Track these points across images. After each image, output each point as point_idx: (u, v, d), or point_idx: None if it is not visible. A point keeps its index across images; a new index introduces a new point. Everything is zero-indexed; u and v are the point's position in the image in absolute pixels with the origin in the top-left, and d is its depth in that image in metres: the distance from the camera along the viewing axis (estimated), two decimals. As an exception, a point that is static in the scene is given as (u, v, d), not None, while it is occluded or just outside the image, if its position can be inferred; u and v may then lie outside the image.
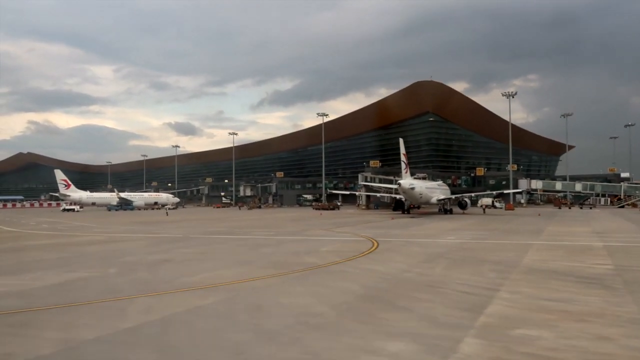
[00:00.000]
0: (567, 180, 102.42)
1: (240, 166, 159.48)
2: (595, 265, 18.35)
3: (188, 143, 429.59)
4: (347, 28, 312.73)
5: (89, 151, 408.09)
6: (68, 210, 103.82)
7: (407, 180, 61.66)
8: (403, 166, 63.99)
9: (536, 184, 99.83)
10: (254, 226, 44.75)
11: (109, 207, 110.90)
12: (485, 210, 70.59)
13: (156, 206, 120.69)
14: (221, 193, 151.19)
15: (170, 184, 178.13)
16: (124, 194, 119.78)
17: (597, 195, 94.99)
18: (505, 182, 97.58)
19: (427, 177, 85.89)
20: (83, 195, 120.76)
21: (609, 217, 56.02)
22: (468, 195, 71.80)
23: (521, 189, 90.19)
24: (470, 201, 68.88)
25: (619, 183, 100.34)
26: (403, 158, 63.73)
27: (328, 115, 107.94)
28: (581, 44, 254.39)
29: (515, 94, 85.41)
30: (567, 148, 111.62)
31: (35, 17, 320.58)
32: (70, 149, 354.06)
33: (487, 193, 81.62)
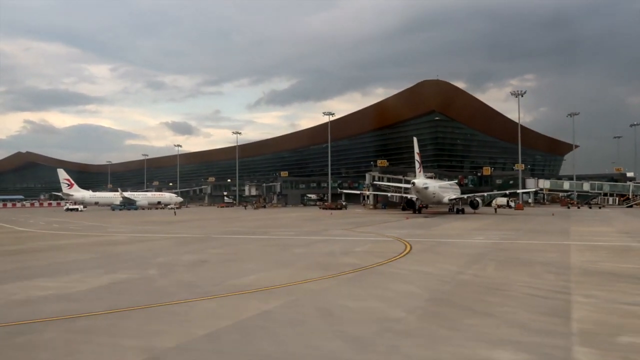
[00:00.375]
0: (574, 180, 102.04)
1: (241, 165, 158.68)
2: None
3: (185, 142, 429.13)
4: (345, 27, 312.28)
5: (86, 151, 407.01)
6: (71, 209, 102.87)
7: (421, 179, 61.15)
8: (417, 165, 63.42)
9: (544, 184, 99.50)
10: (271, 226, 44.14)
11: (113, 207, 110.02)
12: (497, 210, 70.17)
13: (159, 206, 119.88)
14: (224, 193, 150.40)
15: (171, 184, 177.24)
16: (127, 194, 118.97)
17: (605, 194, 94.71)
18: (512, 182, 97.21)
19: (435, 177, 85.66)
20: (86, 194, 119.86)
21: (625, 217, 55.62)
22: (480, 194, 71.34)
23: (529, 189, 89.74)
24: (481, 201, 68.38)
25: (626, 183, 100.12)
26: (417, 157, 63.20)
27: (334, 114, 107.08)
28: (578, 44, 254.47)
29: (524, 93, 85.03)
30: (574, 147, 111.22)
31: (31, 16, 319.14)
32: (66, 149, 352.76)
33: (501, 193, 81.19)
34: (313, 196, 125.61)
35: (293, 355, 8.35)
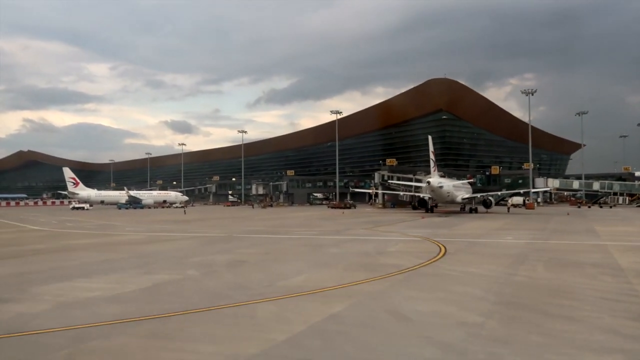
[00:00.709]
0: (583, 179, 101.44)
1: (244, 164, 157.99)
2: None
3: (184, 141, 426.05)
4: (345, 26, 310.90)
5: (85, 149, 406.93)
6: (78, 208, 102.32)
7: (436, 178, 60.65)
8: (432, 164, 62.89)
9: (553, 183, 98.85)
10: (289, 225, 43.61)
11: (119, 206, 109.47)
12: (509, 209, 69.68)
13: (165, 205, 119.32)
14: (229, 192, 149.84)
15: (175, 182, 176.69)
16: (133, 192, 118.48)
17: (615, 194, 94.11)
18: (521, 181, 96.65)
19: (444, 176, 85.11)
20: (91, 193, 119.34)
21: (641, 217, 55.12)
22: (494, 194, 70.86)
23: (540, 188, 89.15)
24: (494, 200, 67.87)
25: (634, 182, 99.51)
26: (432, 156, 62.65)
27: (342, 112, 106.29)
28: (578, 43, 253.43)
29: (535, 92, 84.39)
30: (582, 146, 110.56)
31: (30, 14, 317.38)
32: (66, 147, 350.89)
33: (514, 192, 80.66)
34: (319, 195, 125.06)
35: (393, 364, 7.86)
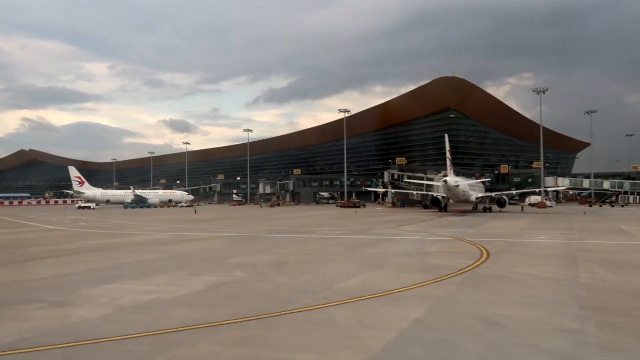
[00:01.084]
0: (592, 177, 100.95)
1: (246, 164, 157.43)
2: None
3: (183, 141, 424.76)
4: (344, 26, 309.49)
5: (84, 149, 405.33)
6: (84, 208, 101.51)
7: (453, 177, 60.13)
8: (448, 163, 62.34)
9: (563, 182, 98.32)
10: (308, 224, 42.97)
11: (126, 205, 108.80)
12: (523, 208, 69.17)
13: (171, 204, 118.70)
14: (233, 191, 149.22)
15: (179, 182, 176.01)
16: (139, 192, 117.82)
17: (625, 193, 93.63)
18: (531, 180, 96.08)
19: (459, 175, 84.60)
20: (97, 192, 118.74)
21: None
22: (508, 193, 70.38)
23: (554, 187, 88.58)
24: (508, 199, 67.29)
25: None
26: (448, 155, 62.09)
27: (350, 111, 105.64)
28: (577, 42, 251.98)
29: (547, 90, 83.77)
30: (592, 145, 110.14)
31: (28, 13, 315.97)
32: (65, 147, 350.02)
33: (530, 191, 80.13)
34: (326, 194, 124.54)
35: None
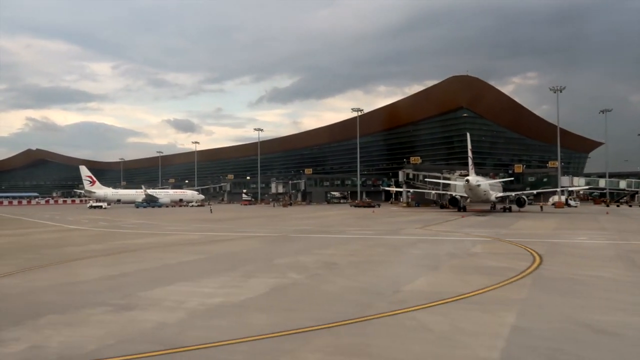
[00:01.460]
0: (607, 177, 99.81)
1: (255, 163, 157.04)
2: None
3: (187, 140, 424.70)
4: (347, 25, 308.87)
5: (88, 148, 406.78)
6: (95, 207, 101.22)
7: (474, 177, 59.46)
8: (469, 162, 61.63)
9: (578, 181, 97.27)
10: (333, 224, 42.33)
11: (137, 204, 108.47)
12: (542, 208, 68.38)
13: (182, 203, 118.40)
14: (243, 190, 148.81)
15: (187, 181, 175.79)
16: (150, 191, 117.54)
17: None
18: (546, 179, 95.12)
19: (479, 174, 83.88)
20: (108, 192, 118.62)
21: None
22: (529, 192, 69.62)
23: (576, 187, 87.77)
24: (527, 199, 66.53)
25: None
26: (469, 153, 61.37)
27: (363, 110, 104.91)
28: (581, 42, 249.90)
29: (564, 88, 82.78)
30: (604, 145, 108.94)
31: (32, 13, 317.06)
32: (69, 146, 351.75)
33: (550, 190, 79.28)
34: (336, 194, 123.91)
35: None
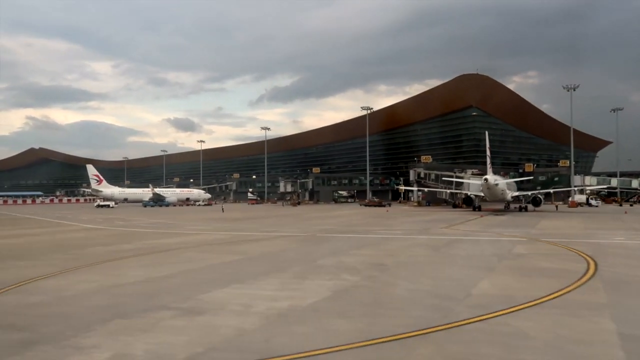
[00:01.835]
0: (618, 176, 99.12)
1: (260, 162, 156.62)
2: None
3: (187, 139, 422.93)
4: (347, 24, 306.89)
5: (89, 147, 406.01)
6: (103, 206, 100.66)
7: (492, 176, 58.93)
8: (488, 161, 61.05)
9: (590, 180, 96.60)
10: (354, 224, 41.77)
11: (145, 203, 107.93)
12: (557, 207, 67.86)
13: (189, 202, 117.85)
14: (249, 189, 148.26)
15: (192, 180, 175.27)
16: (158, 190, 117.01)
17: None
18: (557, 179, 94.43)
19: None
20: (115, 190, 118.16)
21: None
22: (545, 191, 69.07)
23: (594, 186, 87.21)
24: (543, 198, 65.94)
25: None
26: (488, 152, 60.77)
27: (372, 108, 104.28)
28: (582, 41, 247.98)
29: (577, 87, 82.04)
30: (617, 144, 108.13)
31: (32, 12, 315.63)
32: (69, 145, 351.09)
33: (566, 189, 78.69)
34: (344, 193, 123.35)
35: None
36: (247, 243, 26.37)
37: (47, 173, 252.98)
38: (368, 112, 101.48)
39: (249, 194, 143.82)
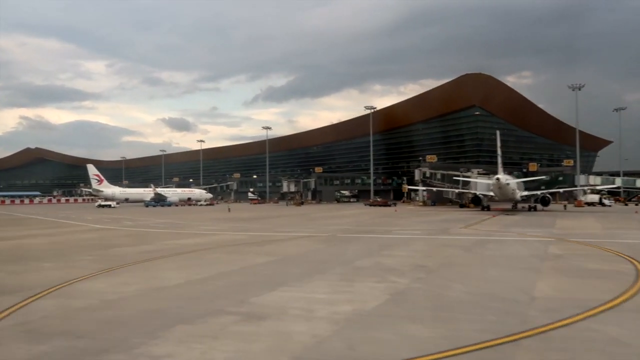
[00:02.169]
0: (621, 175, 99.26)
1: (259, 161, 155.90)
2: None
3: (182, 139, 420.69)
4: (342, 23, 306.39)
5: (83, 147, 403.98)
6: (104, 206, 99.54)
7: (503, 175, 58.65)
8: (499, 160, 60.77)
9: (594, 180, 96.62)
10: (368, 224, 41.31)
11: (147, 203, 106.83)
12: (566, 207, 67.76)
13: (190, 202, 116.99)
14: (249, 189, 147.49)
15: (191, 180, 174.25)
16: (159, 189, 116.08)
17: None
18: (561, 178, 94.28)
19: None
20: (116, 190, 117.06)
21: None
22: (554, 191, 68.96)
23: (607, 186, 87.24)
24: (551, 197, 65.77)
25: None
26: (499, 151, 60.47)
27: (376, 107, 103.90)
28: (576, 41, 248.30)
29: (583, 86, 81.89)
30: (619, 144, 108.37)
31: (26, 11, 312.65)
32: (63, 145, 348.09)
33: (579, 188, 78.58)
34: (346, 193, 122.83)
35: None
36: (271, 244, 25.79)
37: (44, 173, 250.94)
38: (372, 112, 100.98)
39: (250, 194, 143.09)
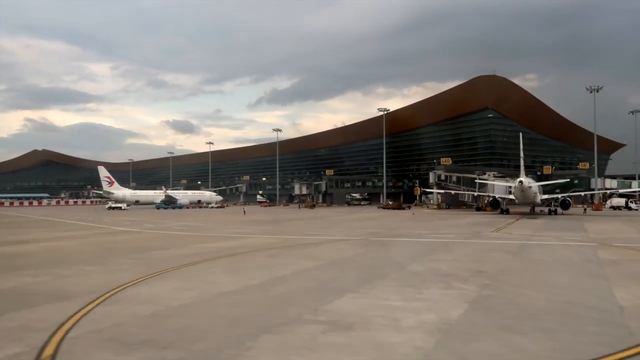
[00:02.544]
0: (637, 179, 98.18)
1: (268, 164, 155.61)
2: None
3: (186, 141, 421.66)
4: (346, 26, 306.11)
5: (87, 149, 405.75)
6: (115, 208, 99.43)
7: (526, 178, 58.04)
8: (522, 163, 60.12)
9: (610, 183, 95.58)
10: (396, 227, 40.67)
11: (158, 206, 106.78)
12: (585, 210, 67.01)
13: (201, 204, 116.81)
14: (259, 192, 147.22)
15: (200, 182, 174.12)
16: (170, 192, 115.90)
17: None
18: (576, 181, 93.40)
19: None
20: (127, 192, 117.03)
21: None
22: (576, 194, 68.21)
23: (630, 189, 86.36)
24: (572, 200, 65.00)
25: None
26: (521, 154, 59.83)
27: (389, 109, 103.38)
28: (581, 43, 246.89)
29: (601, 88, 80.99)
30: (635, 146, 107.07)
31: (31, 13, 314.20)
32: (67, 147, 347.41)
33: (601, 191, 77.69)
34: (357, 195, 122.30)
35: None
36: (309, 247, 25.20)
37: (51, 175, 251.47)
38: (384, 113, 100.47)
39: (259, 196, 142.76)
